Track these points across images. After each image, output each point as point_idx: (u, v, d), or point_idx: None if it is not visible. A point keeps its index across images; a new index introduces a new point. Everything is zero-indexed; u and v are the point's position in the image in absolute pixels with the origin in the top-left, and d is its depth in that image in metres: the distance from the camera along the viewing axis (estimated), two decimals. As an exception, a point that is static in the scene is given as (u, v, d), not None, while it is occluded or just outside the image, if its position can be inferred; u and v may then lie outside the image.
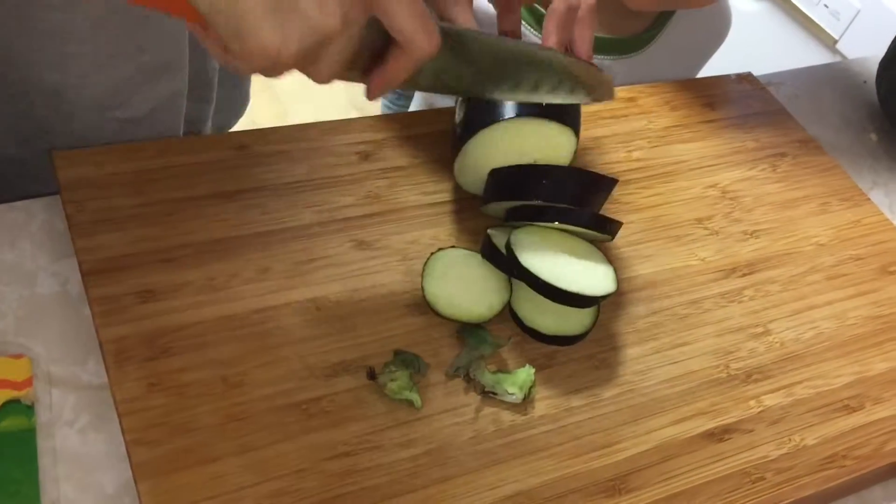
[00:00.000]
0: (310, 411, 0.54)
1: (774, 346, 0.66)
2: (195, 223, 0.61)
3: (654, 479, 0.56)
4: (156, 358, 0.53)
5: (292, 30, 0.44)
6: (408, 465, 0.53)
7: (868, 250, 0.76)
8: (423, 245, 0.65)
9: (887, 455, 0.62)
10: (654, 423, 0.59)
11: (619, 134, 0.78)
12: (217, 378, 0.53)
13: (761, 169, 0.80)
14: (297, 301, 0.59)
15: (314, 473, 0.51)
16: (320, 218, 0.64)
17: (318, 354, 0.57)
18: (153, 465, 0.49)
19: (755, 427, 0.61)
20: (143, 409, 0.51)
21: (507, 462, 0.55)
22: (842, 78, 0.99)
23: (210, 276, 0.58)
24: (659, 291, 0.67)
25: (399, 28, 0.48)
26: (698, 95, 0.85)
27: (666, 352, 0.64)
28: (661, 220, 0.73)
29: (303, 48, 0.45)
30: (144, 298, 0.56)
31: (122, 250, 0.58)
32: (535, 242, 0.60)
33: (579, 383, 0.60)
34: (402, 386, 0.55)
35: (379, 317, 0.60)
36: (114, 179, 0.62)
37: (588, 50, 0.63)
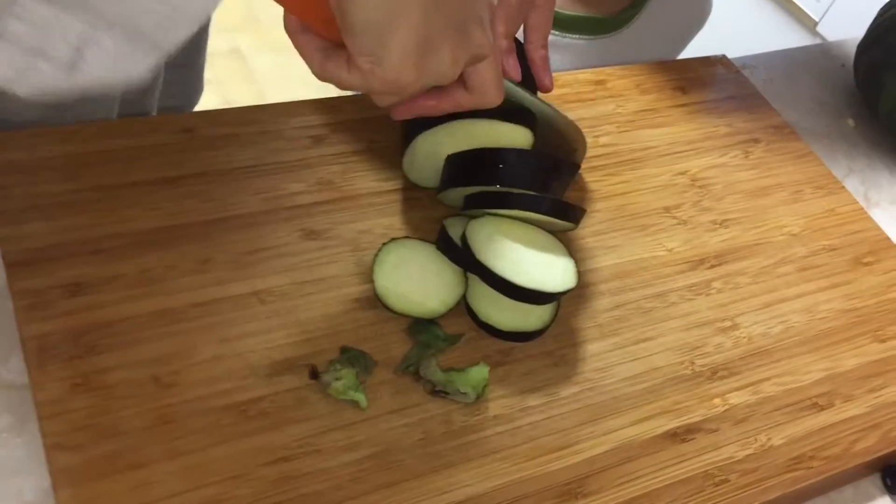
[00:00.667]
0: (248, 413, 0.51)
1: (742, 341, 0.64)
2: (131, 211, 0.57)
3: (612, 481, 0.54)
4: (82, 356, 0.50)
5: (428, 71, 0.47)
6: (351, 469, 0.50)
7: (842, 240, 0.74)
8: (376, 235, 0.61)
9: (857, 455, 0.60)
10: (614, 423, 0.57)
11: (585, 118, 0.75)
12: (148, 378, 0.50)
13: (733, 155, 0.77)
14: (240, 294, 0.56)
15: (250, 480, 0.48)
16: (267, 206, 0.61)
17: (260, 351, 0.54)
18: (75, 471, 0.46)
19: (720, 426, 0.58)
20: (65, 412, 0.48)
21: (457, 465, 0.52)
22: (819, 61, 0.96)
23: (145, 268, 0.55)
24: (623, 284, 0.65)
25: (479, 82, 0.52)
26: (670, 79, 0.82)
27: (628, 347, 0.61)
28: (627, 209, 0.70)
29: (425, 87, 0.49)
30: (72, 292, 0.52)
31: (50, 240, 0.54)
32: (492, 234, 0.57)
33: (536, 381, 0.57)
34: (348, 385, 0.52)
35: (326, 311, 0.57)
36: (44, 164, 0.58)
37: (541, 38, 0.60)
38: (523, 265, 0.56)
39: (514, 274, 0.55)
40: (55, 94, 0.45)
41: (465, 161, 0.60)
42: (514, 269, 0.55)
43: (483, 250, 0.56)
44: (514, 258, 0.56)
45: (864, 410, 0.62)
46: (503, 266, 0.55)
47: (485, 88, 0.53)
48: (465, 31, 0.48)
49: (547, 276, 0.56)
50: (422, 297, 0.57)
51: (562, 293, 0.56)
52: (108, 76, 0.44)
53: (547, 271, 0.57)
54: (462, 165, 0.60)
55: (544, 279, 0.56)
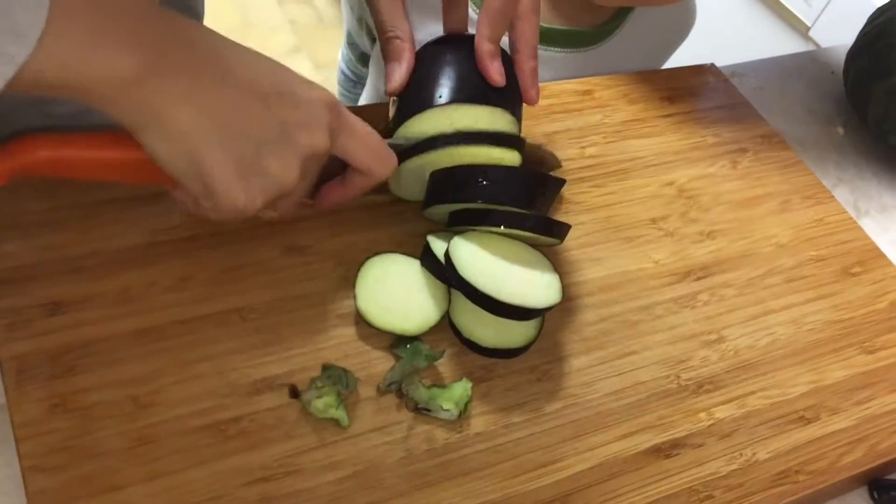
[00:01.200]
0: (227, 433, 0.50)
1: (728, 354, 0.63)
2: (111, 229, 0.57)
3: (596, 498, 0.53)
4: (60, 377, 0.50)
5: (257, 188, 0.50)
6: (331, 489, 0.50)
7: (830, 251, 0.73)
8: (360, 250, 0.61)
9: (843, 469, 0.60)
10: (599, 439, 0.56)
11: (572, 129, 0.75)
12: (126, 398, 0.50)
13: (721, 166, 0.77)
14: (221, 311, 0.56)
15: (228, 501, 0.48)
16: (249, 222, 0.60)
17: (241, 370, 0.53)
18: (52, 493, 0.46)
19: (705, 441, 0.58)
20: (43, 433, 0.47)
21: (439, 484, 0.52)
22: (809, 68, 0.96)
23: (124, 286, 0.54)
24: (609, 297, 0.64)
25: (359, 163, 0.55)
26: (657, 88, 0.82)
27: (614, 362, 0.61)
28: (613, 221, 0.69)
29: (267, 200, 0.51)
30: (51, 311, 0.52)
31: (29, 259, 0.54)
32: (476, 250, 0.57)
33: (520, 397, 0.57)
34: (329, 404, 0.52)
35: (308, 328, 0.56)
36: (24, 182, 0.57)
37: (529, 49, 0.59)
38: (507, 281, 0.56)
39: (497, 291, 0.55)
40: None
41: (449, 177, 0.59)
42: (497, 286, 0.55)
43: (466, 267, 0.55)
44: (498, 274, 0.56)
45: (851, 423, 0.62)
46: (486, 283, 0.55)
47: (365, 166, 0.56)
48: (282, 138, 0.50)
49: (531, 291, 0.56)
50: (404, 313, 0.57)
51: (546, 309, 0.56)
52: None
53: (531, 287, 0.56)
54: (446, 182, 0.60)
55: (528, 295, 0.55)
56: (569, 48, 0.86)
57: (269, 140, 0.49)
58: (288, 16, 2.41)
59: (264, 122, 0.49)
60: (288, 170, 0.51)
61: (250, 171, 0.49)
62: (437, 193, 0.60)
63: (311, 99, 0.51)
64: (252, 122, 0.49)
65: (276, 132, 0.50)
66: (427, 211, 0.61)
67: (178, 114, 0.46)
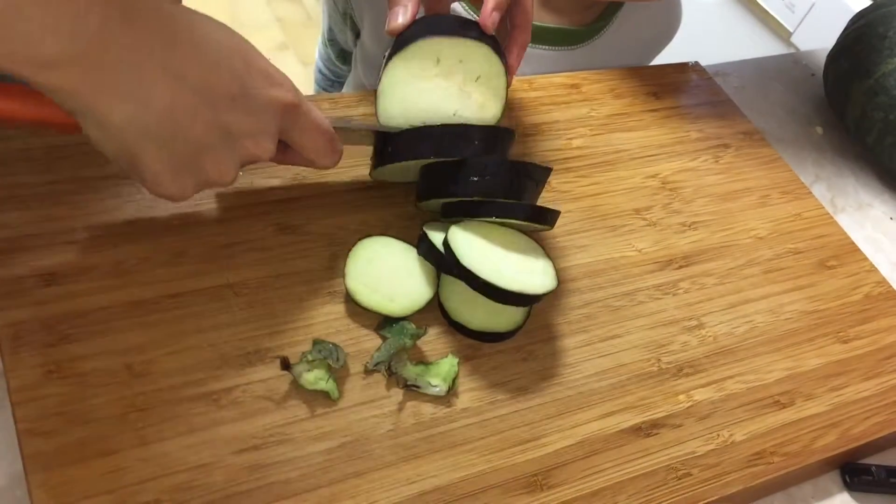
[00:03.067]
0: (220, 402, 0.51)
1: (707, 339, 0.65)
2: (106, 203, 0.58)
3: (577, 474, 0.55)
4: (55, 344, 0.50)
5: (188, 183, 0.50)
6: (320, 458, 0.51)
7: (807, 244, 0.75)
8: (351, 231, 0.62)
9: (817, 452, 0.61)
10: (581, 418, 0.58)
11: (559, 121, 0.77)
12: (121, 366, 0.51)
13: (703, 160, 0.79)
14: (214, 286, 0.57)
15: (220, 467, 0.49)
16: (243, 200, 0.62)
17: (233, 342, 0.54)
18: (47, 456, 0.47)
19: (684, 422, 0.60)
20: (38, 398, 0.48)
21: (426, 456, 0.53)
22: (790, 70, 0.98)
23: (119, 259, 0.55)
24: (593, 282, 0.66)
25: (304, 153, 0.57)
26: (643, 84, 0.84)
27: (597, 344, 0.62)
28: (598, 210, 0.71)
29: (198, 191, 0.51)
30: (47, 281, 0.53)
31: (26, 230, 0.55)
32: (473, 238, 0.58)
33: (505, 376, 0.58)
34: (319, 377, 0.53)
35: (299, 304, 0.57)
36: (22, 155, 0.58)
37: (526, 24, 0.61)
38: (506, 268, 0.57)
39: (497, 278, 0.56)
40: None
41: (441, 172, 0.60)
42: (497, 274, 0.56)
43: (466, 255, 0.56)
44: (496, 262, 0.57)
45: (825, 409, 0.64)
46: (487, 271, 0.56)
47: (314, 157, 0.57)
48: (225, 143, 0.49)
49: (528, 279, 0.57)
50: (391, 295, 0.58)
51: (543, 295, 0.57)
52: None
53: (527, 274, 0.58)
54: (439, 177, 0.60)
55: (526, 282, 0.57)
56: (557, 46, 0.88)
57: (211, 144, 0.49)
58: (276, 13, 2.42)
59: (209, 127, 0.48)
60: (224, 172, 0.51)
61: (185, 169, 0.49)
62: (432, 188, 0.61)
63: (267, 102, 0.50)
64: (196, 125, 0.47)
65: (219, 137, 0.49)
66: (423, 203, 0.62)
67: (115, 108, 0.44)
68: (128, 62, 0.43)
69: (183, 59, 0.46)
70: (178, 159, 0.48)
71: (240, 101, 0.49)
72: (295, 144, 0.56)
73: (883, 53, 0.84)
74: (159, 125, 0.46)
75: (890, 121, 0.83)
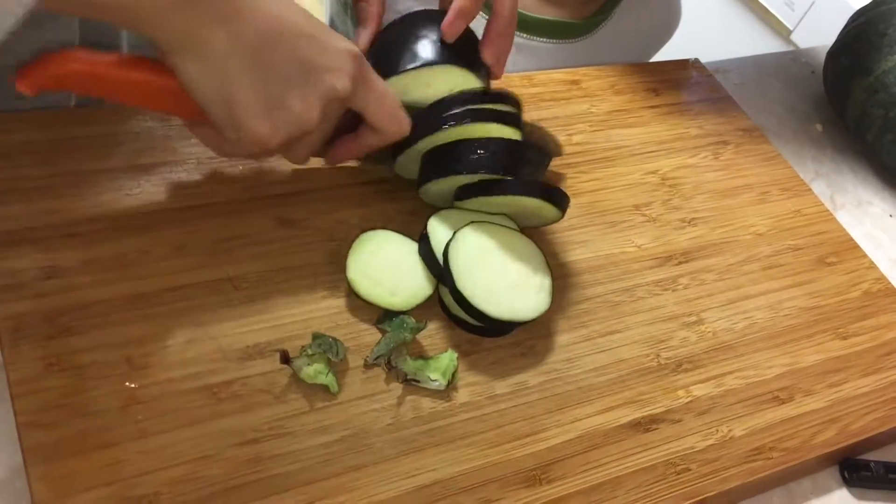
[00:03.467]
0: (219, 395, 0.52)
1: (707, 335, 0.65)
2: (107, 196, 0.58)
3: (576, 468, 0.55)
4: (56, 337, 0.51)
5: (280, 122, 0.53)
6: (320, 452, 0.51)
7: (807, 241, 0.76)
8: (352, 225, 0.62)
9: (816, 448, 0.61)
10: (580, 412, 0.58)
11: (560, 117, 0.77)
12: (121, 359, 0.51)
13: (703, 156, 0.79)
14: (214, 280, 0.57)
15: (220, 460, 0.49)
16: (244, 195, 0.62)
17: (233, 336, 0.54)
18: (46, 449, 0.47)
19: (683, 417, 0.60)
20: (38, 391, 0.48)
21: (425, 450, 0.53)
22: (790, 67, 0.98)
23: (119, 252, 0.55)
24: (592, 278, 0.66)
25: (374, 120, 0.58)
26: (643, 80, 0.84)
27: (596, 339, 0.62)
28: (598, 206, 0.71)
29: (288, 137, 0.54)
30: (48, 274, 0.53)
31: (27, 223, 0.55)
32: (473, 252, 0.58)
33: (504, 370, 0.58)
34: (319, 370, 0.53)
35: (299, 298, 0.57)
36: (23, 148, 0.58)
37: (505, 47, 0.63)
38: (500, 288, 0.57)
39: (486, 303, 0.56)
40: None
41: (443, 153, 0.61)
42: (489, 297, 0.57)
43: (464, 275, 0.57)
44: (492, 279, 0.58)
45: (824, 405, 0.64)
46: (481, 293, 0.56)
47: (379, 125, 0.59)
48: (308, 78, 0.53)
49: (522, 298, 0.58)
50: (392, 289, 0.58)
51: (533, 320, 0.58)
52: None
53: (523, 292, 0.58)
54: (442, 157, 0.61)
55: (517, 308, 0.57)
56: (555, 39, 0.88)
57: (295, 78, 0.52)
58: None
59: (292, 60, 0.52)
60: (310, 109, 0.53)
61: (275, 105, 0.52)
62: (435, 170, 0.61)
63: (338, 47, 0.54)
64: (281, 57, 0.51)
65: (302, 71, 0.52)
66: (423, 189, 0.63)
67: (214, 37, 0.49)
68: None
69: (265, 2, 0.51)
70: (269, 93, 0.52)
71: (316, 40, 0.53)
72: (364, 105, 0.57)
73: (883, 51, 0.84)
74: (252, 56, 0.50)
75: (890, 118, 0.83)
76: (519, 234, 0.61)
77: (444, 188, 0.62)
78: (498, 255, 0.59)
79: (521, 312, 0.57)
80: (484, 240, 0.59)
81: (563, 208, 0.62)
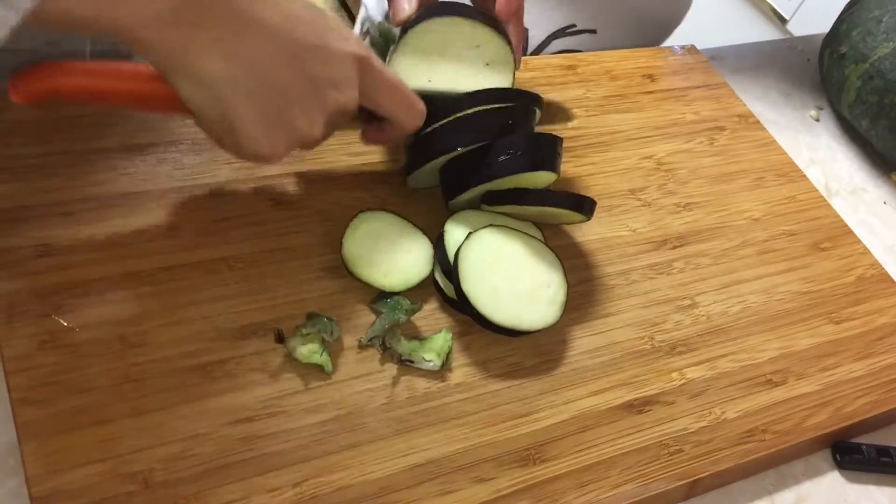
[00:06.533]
0: (213, 374, 0.52)
1: (701, 319, 0.65)
2: (101, 176, 0.58)
3: (570, 449, 0.55)
4: (49, 315, 0.50)
5: (282, 141, 0.52)
6: (314, 431, 0.51)
7: (801, 226, 0.76)
8: (346, 207, 0.62)
9: (808, 430, 0.62)
10: (574, 394, 0.58)
11: (556, 102, 0.77)
12: (115, 337, 0.51)
13: (698, 142, 0.79)
14: (209, 259, 0.57)
15: (213, 438, 0.49)
16: (238, 175, 0.62)
17: (227, 315, 0.54)
18: (40, 425, 0.47)
19: (676, 399, 0.60)
20: (32, 368, 0.48)
21: (419, 430, 0.53)
22: (786, 55, 0.98)
23: (114, 231, 0.55)
24: (588, 261, 0.66)
25: (388, 115, 0.57)
26: (640, 66, 0.84)
27: (591, 322, 0.62)
28: (593, 190, 0.71)
29: (290, 151, 0.53)
30: (41, 252, 0.53)
31: (20, 201, 0.55)
32: (486, 255, 0.58)
33: (499, 352, 0.58)
34: (313, 350, 0.53)
35: (294, 279, 0.57)
36: (16, 127, 0.58)
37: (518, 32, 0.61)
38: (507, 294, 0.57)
39: (491, 307, 0.56)
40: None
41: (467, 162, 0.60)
42: (493, 302, 0.56)
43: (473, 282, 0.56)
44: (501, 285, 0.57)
45: (817, 388, 0.64)
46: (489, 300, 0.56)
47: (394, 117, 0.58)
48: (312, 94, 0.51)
49: (529, 309, 0.57)
50: (386, 270, 0.58)
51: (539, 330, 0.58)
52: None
53: (531, 303, 0.58)
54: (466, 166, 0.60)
55: (523, 317, 0.57)
56: None
57: (298, 95, 0.50)
58: None
59: (294, 77, 0.50)
60: (314, 125, 0.52)
61: (276, 125, 0.50)
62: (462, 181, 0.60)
63: (343, 54, 0.52)
64: (282, 75, 0.49)
65: (305, 88, 0.50)
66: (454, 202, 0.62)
67: (209, 61, 0.46)
68: (217, 15, 0.46)
69: (262, 14, 0.48)
70: (270, 113, 0.50)
71: (319, 52, 0.51)
72: (376, 104, 0.56)
73: (878, 38, 0.84)
74: (251, 77, 0.48)
75: (884, 105, 0.83)
76: (541, 244, 0.61)
77: (475, 195, 0.62)
78: (513, 261, 0.59)
79: (525, 322, 0.57)
80: (501, 244, 0.59)
81: (592, 213, 0.62)
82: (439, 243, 0.60)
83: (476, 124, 0.60)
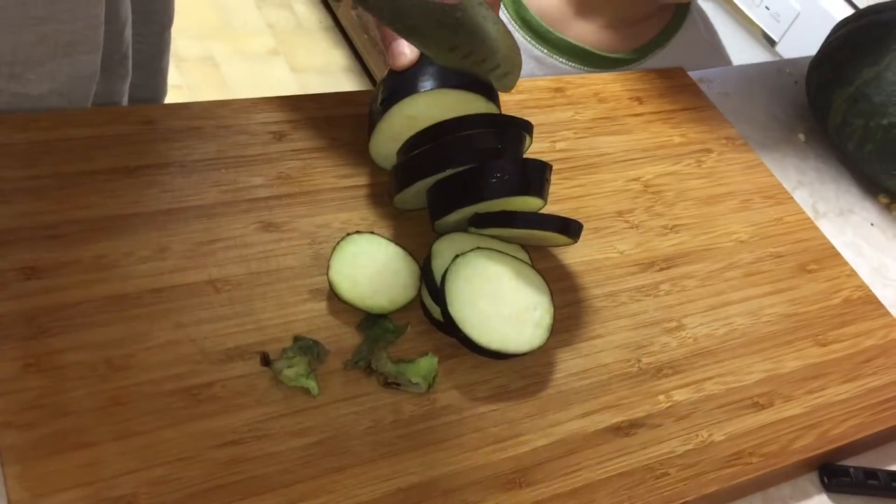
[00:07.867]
0: (199, 397, 0.51)
1: (687, 341, 0.65)
2: (89, 199, 0.58)
3: (556, 472, 0.55)
4: (35, 337, 0.50)
5: None
6: (300, 454, 0.51)
7: (788, 248, 0.76)
8: (334, 229, 0.63)
9: (795, 453, 0.62)
10: (560, 417, 0.58)
11: (544, 124, 0.77)
12: (101, 360, 0.51)
13: (686, 164, 0.80)
14: (195, 282, 0.57)
15: (199, 462, 0.49)
16: (226, 198, 0.62)
17: (214, 338, 0.54)
18: (23, 448, 0.46)
19: (663, 422, 0.60)
20: (16, 391, 0.48)
21: (404, 453, 0.53)
22: (774, 77, 0.99)
23: (101, 254, 0.55)
24: (575, 283, 0.66)
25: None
26: (628, 89, 0.85)
27: (577, 344, 0.63)
28: (581, 212, 0.72)
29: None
30: (27, 275, 0.53)
31: (6, 224, 0.55)
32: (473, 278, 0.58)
33: (485, 374, 0.58)
34: (299, 373, 0.53)
35: (280, 301, 0.58)
36: (4, 150, 0.58)
37: None
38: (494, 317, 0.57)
39: (478, 331, 0.56)
40: None
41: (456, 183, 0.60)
42: (480, 326, 0.56)
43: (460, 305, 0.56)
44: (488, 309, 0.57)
45: (803, 410, 0.64)
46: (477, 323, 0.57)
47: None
48: None
49: (516, 331, 0.57)
50: (373, 292, 0.58)
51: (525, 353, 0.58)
52: None
53: (517, 325, 0.58)
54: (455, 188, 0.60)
55: (509, 340, 0.57)
56: (602, 69, 0.89)
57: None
58: (267, 20, 2.42)
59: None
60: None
61: None
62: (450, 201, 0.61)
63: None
64: None
65: None
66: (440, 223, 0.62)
67: None
68: None
69: None
70: None
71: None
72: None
73: (864, 61, 0.85)
74: None
75: (870, 128, 0.84)
76: (528, 267, 0.61)
77: (463, 217, 0.62)
78: (499, 284, 0.59)
79: (512, 345, 0.57)
80: (487, 266, 0.59)
81: (578, 237, 0.62)
82: (426, 266, 0.60)
83: (466, 147, 0.60)
